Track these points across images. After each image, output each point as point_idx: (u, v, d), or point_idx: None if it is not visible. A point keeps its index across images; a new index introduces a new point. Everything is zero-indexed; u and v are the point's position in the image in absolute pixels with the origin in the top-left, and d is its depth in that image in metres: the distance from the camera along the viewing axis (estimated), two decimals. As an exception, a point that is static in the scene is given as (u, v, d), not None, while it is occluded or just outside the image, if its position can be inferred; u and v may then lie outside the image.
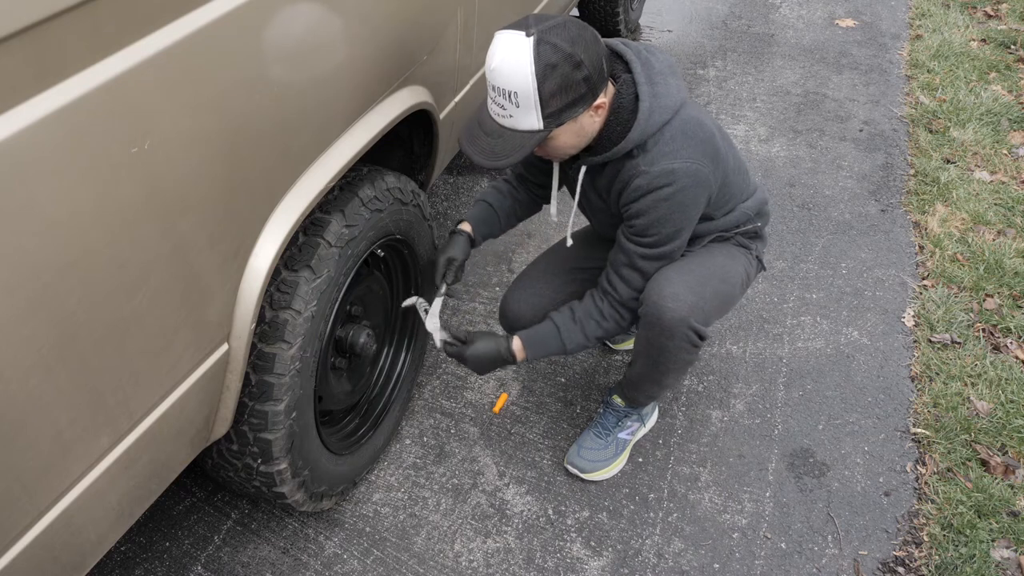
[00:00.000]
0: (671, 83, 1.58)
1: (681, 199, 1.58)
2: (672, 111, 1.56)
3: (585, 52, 1.42)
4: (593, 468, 1.98)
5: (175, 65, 1.05)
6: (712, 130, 1.63)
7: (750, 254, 1.87)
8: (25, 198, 0.90)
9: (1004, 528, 1.89)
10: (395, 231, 1.74)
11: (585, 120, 1.51)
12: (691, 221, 1.65)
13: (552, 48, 1.39)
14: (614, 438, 2.00)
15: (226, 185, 1.21)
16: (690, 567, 1.83)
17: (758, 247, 1.90)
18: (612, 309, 1.73)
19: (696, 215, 1.65)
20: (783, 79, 3.78)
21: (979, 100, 3.50)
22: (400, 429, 2.12)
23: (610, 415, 2.01)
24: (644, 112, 1.53)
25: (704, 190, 1.61)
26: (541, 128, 1.45)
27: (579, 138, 1.55)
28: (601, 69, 1.46)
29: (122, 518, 1.26)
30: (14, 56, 0.85)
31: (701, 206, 1.64)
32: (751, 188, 1.85)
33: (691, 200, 1.60)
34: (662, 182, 1.56)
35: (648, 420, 2.09)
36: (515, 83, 1.40)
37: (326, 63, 1.38)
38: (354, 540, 1.86)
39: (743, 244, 1.85)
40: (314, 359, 1.55)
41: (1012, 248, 2.69)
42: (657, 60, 1.60)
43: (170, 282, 1.15)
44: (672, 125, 1.57)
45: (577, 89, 1.43)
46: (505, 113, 1.46)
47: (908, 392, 2.25)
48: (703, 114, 1.65)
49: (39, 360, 0.98)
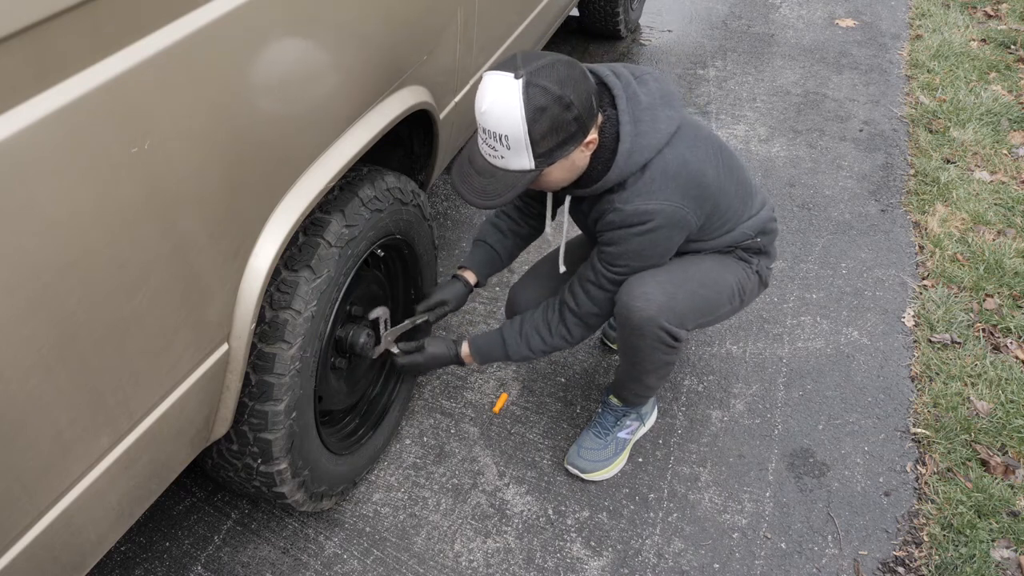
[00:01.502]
0: (660, 117, 1.55)
1: (653, 238, 1.60)
2: (654, 150, 1.54)
3: (574, 92, 1.41)
4: (593, 468, 1.98)
5: (175, 65, 1.05)
6: (699, 167, 1.59)
7: (748, 268, 1.85)
8: (25, 198, 0.90)
9: (1004, 528, 1.89)
10: (395, 231, 1.74)
11: (576, 156, 1.51)
12: (664, 255, 1.67)
13: (541, 91, 1.38)
14: (613, 438, 2.00)
15: (226, 185, 1.21)
16: (690, 567, 1.83)
17: (760, 263, 1.87)
18: (562, 324, 1.75)
19: (671, 249, 1.67)
20: (783, 79, 3.78)
21: (979, 100, 3.50)
22: (400, 429, 2.12)
23: (608, 415, 2.01)
24: (623, 153, 1.53)
25: (679, 230, 1.62)
26: (533, 168, 1.46)
27: (571, 172, 1.55)
28: (591, 107, 1.46)
29: (122, 518, 1.26)
30: (14, 56, 0.85)
31: (676, 243, 1.66)
32: (754, 208, 1.82)
33: (663, 239, 1.62)
34: (634, 220, 1.57)
35: (648, 419, 2.09)
36: (505, 126, 1.40)
37: (326, 63, 1.38)
38: (354, 540, 1.86)
39: (744, 258, 1.84)
40: (314, 359, 1.55)
41: (1012, 248, 2.69)
42: (647, 92, 1.57)
43: (170, 282, 1.15)
44: (653, 165, 1.55)
45: (567, 129, 1.43)
46: (496, 154, 1.46)
47: (908, 392, 2.25)
48: (694, 148, 1.60)
49: (39, 360, 0.98)
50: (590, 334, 1.80)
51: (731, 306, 1.85)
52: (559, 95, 1.39)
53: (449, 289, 1.92)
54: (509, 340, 1.80)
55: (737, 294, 1.84)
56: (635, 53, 4.02)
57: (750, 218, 1.80)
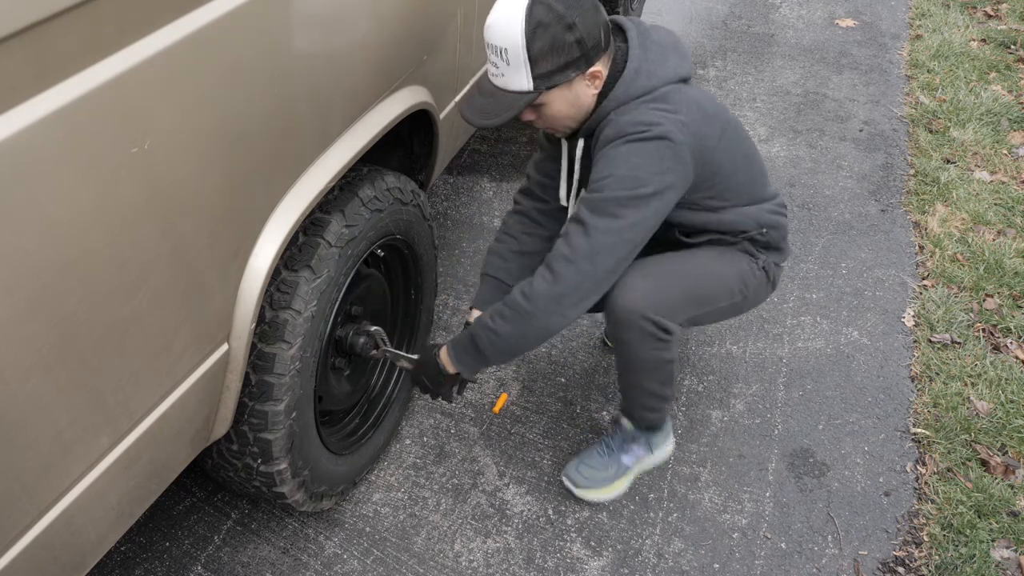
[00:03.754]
0: (669, 57, 1.54)
1: (647, 148, 1.46)
2: (661, 80, 1.51)
3: (580, 16, 1.41)
4: (587, 485, 1.92)
5: (175, 65, 1.05)
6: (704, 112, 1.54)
7: (754, 262, 1.75)
8: (25, 198, 0.90)
9: (1004, 528, 1.89)
10: (395, 231, 1.74)
11: (580, 88, 1.49)
12: (654, 184, 1.46)
13: (545, 8, 1.39)
14: (616, 460, 1.92)
15: (226, 185, 1.21)
16: (690, 567, 1.83)
17: (769, 259, 1.78)
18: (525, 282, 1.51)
19: (663, 183, 1.47)
20: (783, 79, 3.78)
21: (979, 100, 3.50)
22: (400, 429, 2.12)
23: (617, 435, 1.94)
24: (630, 72, 1.50)
25: (674, 157, 1.47)
26: (531, 89, 1.45)
27: (574, 108, 1.52)
28: (597, 37, 1.44)
29: (122, 518, 1.26)
30: (14, 56, 0.85)
31: (669, 176, 1.47)
32: (764, 193, 1.75)
33: (656, 156, 1.46)
34: (629, 129, 1.47)
35: (658, 449, 1.96)
36: (506, 40, 1.41)
37: (326, 63, 1.38)
38: (354, 540, 1.86)
39: (749, 252, 1.75)
40: (314, 359, 1.55)
41: (1012, 248, 2.69)
42: (658, 33, 1.57)
43: (170, 282, 1.15)
44: (657, 92, 1.51)
45: (569, 52, 1.42)
46: (498, 72, 1.46)
47: (908, 392, 2.25)
48: (702, 99, 1.56)
49: (39, 360, 0.98)
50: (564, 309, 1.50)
51: (731, 301, 1.76)
52: (562, 14, 1.39)
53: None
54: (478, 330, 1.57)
55: (739, 289, 1.75)
56: (635, 53, 4.02)
57: (756, 202, 1.72)
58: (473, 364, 1.62)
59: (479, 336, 1.57)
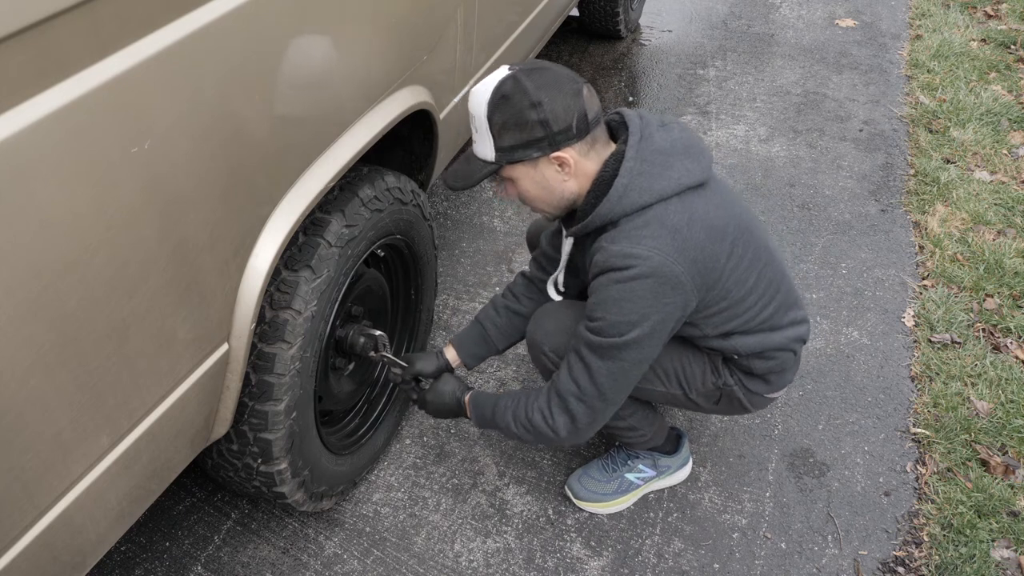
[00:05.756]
0: (674, 165, 1.42)
1: (634, 288, 1.38)
2: (657, 196, 1.40)
3: (549, 96, 1.38)
4: (587, 497, 1.91)
5: (175, 65, 1.05)
6: (710, 230, 1.42)
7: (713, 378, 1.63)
8: (25, 198, 0.90)
9: (1004, 528, 1.89)
10: (395, 231, 1.74)
11: (548, 172, 1.45)
12: (650, 321, 1.40)
13: (514, 83, 1.39)
14: (620, 476, 1.91)
15: (226, 185, 1.21)
16: (690, 567, 1.83)
17: (739, 384, 1.63)
18: (544, 403, 1.53)
19: (660, 318, 1.41)
20: (783, 79, 3.78)
21: (979, 100, 3.50)
22: (400, 429, 2.12)
23: (622, 452, 1.93)
24: (617, 188, 1.40)
25: (670, 290, 1.39)
26: (492, 160, 1.45)
27: (543, 191, 1.48)
28: (568, 123, 1.39)
29: (122, 518, 1.26)
30: (14, 56, 0.85)
31: (666, 308, 1.41)
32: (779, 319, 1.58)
33: (649, 294, 1.38)
34: (618, 264, 1.39)
35: (667, 473, 1.93)
36: (475, 108, 1.43)
37: (326, 63, 1.38)
38: (354, 540, 1.86)
39: (713, 363, 1.64)
40: (314, 359, 1.55)
41: (1012, 248, 2.69)
42: (667, 138, 1.44)
43: (170, 282, 1.15)
44: (653, 211, 1.40)
45: (531, 130, 1.39)
46: (474, 138, 1.48)
47: (908, 392, 2.25)
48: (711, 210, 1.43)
49: (39, 360, 0.98)
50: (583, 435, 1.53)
51: (667, 390, 1.66)
52: (528, 91, 1.38)
53: (422, 360, 1.79)
54: (501, 402, 1.60)
55: (676, 382, 1.65)
56: (635, 53, 4.02)
57: (763, 331, 1.57)
58: (487, 427, 1.67)
59: (506, 425, 1.60)
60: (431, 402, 1.75)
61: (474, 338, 1.85)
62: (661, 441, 1.90)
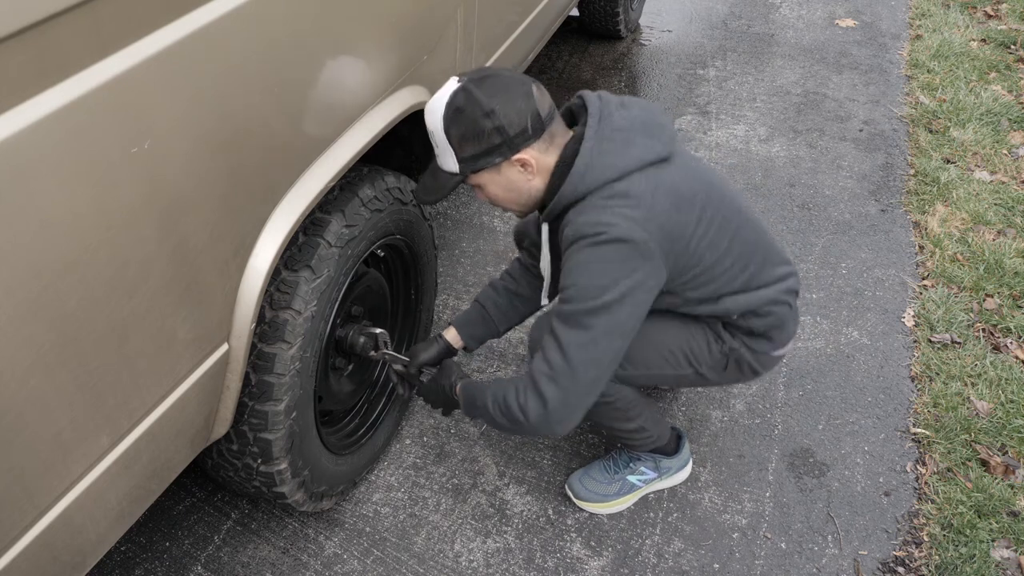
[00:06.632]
0: (634, 141, 1.43)
1: (606, 252, 1.38)
2: (618, 172, 1.41)
3: (503, 104, 1.39)
4: (588, 498, 1.91)
5: (175, 65, 1.05)
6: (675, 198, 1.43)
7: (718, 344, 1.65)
8: (25, 198, 0.90)
9: (1004, 528, 1.89)
10: (395, 231, 1.74)
11: (511, 174, 1.46)
12: (620, 287, 1.39)
13: (466, 95, 1.39)
14: (622, 478, 1.91)
15: (226, 185, 1.21)
16: (690, 567, 1.83)
17: (744, 345, 1.65)
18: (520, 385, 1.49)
19: (630, 284, 1.40)
20: (783, 79, 3.78)
21: (979, 100, 3.50)
22: (400, 429, 2.12)
23: (624, 454, 1.93)
24: (578, 168, 1.42)
25: (639, 256, 1.39)
26: (457, 171, 1.46)
27: (511, 192, 1.50)
28: (523, 125, 1.40)
29: (122, 518, 1.27)
30: (14, 56, 0.85)
31: (636, 275, 1.40)
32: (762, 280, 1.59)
33: (618, 258, 1.39)
34: (587, 231, 1.39)
35: (668, 474, 1.94)
36: (431, 124, 1.44)
37: (326, 63, 1.38)
38: (354, 540, 1.86)
39: (715, 331, 1.65)
40: (314, 359, 1.55)
41: (1012, 248, 2.69)
42: (626, 116, 1.45)
43: (170, 282, 1.15)
44: (616, 184, 1.41)
45: (488, 139, 1.41)
46: (436, 152, 1.49)
47: (908, 392, 2.25)
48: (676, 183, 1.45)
49: (39, 360, 0.98)
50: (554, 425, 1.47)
51: (677, 372, 1.68)
52: (480, 102, 1.38)
53: (423, 348, 1.79)
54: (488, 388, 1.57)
55: (685, 362, 1.66)
56: (635, 53, 4.02)
57: (751, 289, 1.58)
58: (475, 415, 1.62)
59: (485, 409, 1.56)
60: (429, 392, 1.75)
61: (475, 320, 1.85)
62: (664, 442, 1.90)
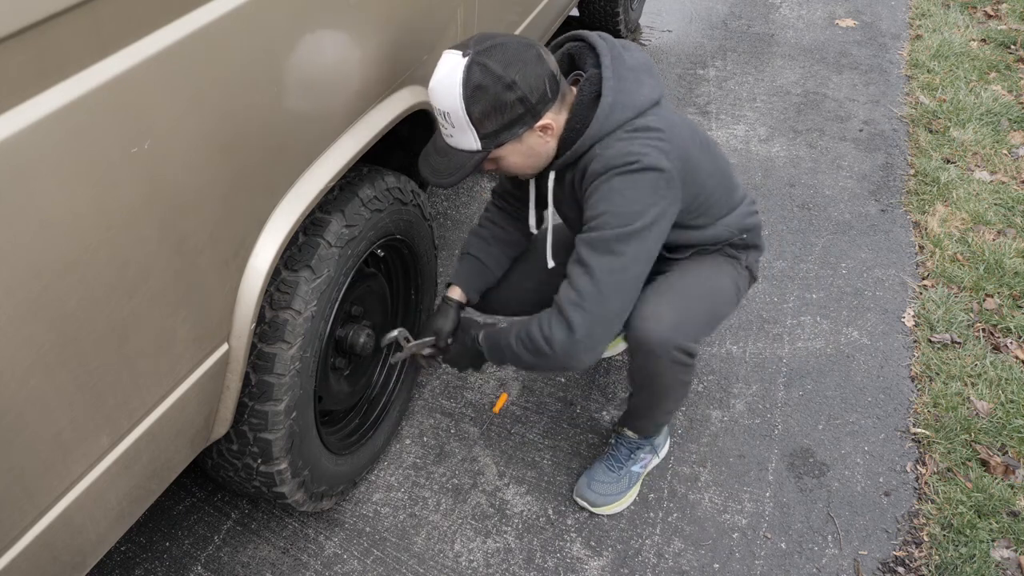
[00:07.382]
0: (644, 81, 1.51)
1: (640, 180, 1.44)
2: (637, 110, 1.48)
3: (520, 73, 1.38)
4: (604, 502, 1.91)
5: (175, 65, 1.05)
6: (683, 134, 1.54)
7: (739, 265, 1.78)
8: (25, 198, 0.90)
9: (1004, 528, 1.89)
10: (395, 231, 1.74)
11: (532, 141, 1.47)
12: (651, 213, 1.46)
13: (482, 69, 1.37)
14: (627, 471, 1.92)
15: (226, 185, 1.21)
16: (690, 567, 1.83)
17: (749, 257, 1.81)
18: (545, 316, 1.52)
19: (659, 211, 1.47)
20: (783, 79, 3.78)
21: (979, 100, 3.50)
22: (400, 429, 2.12)
23: (623, 447, 1.94)
24: (604, 107, 1.46)
25: (666, 184, 1.47)
26: (479, 149, 1.44)
27: (530, 158, 1.51)
28: (543, 89, 1.41)
29: (122, 518, 1.26)
30: (14, 56, 0.85)
31: (663, 202, 1.47)
32: (736, 200, 1.74)
33: (650, 186, 1.45)
34: (618, 161, 1.44)
35: (661, 450, 2.01)
36: (447, 104, 1.40)
37: (326, 63, 1.38)
38: (354, 540, 1.86)
39: (731, 255, 1.77)
40: (314, 359, 1.55)
41: (1012, 248, 2.69)
42: (631, 56, 1.53)
43: (170, 282, 1.15)
44: (639, 120, 1.48)
45: (512, 111, 1.40)
46: (447, 132, 1.46)
47: (908, 392, 2.25)
48: (677, 116, 1.57)
49: (39, 360, 0.98)
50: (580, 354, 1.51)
51: (731, 308, 1.81)
52: (500, 75, 1.37)
53: (442, 316, 1.80)
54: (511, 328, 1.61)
55: (736, 296, 1.79)
56: (635, 53, 4.02)
57: (732, 211, 1.73)
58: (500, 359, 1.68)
59: (509, 347, 1.60)
60: (457, 356, 1.77)
61: (475, 272, 1.84)
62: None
